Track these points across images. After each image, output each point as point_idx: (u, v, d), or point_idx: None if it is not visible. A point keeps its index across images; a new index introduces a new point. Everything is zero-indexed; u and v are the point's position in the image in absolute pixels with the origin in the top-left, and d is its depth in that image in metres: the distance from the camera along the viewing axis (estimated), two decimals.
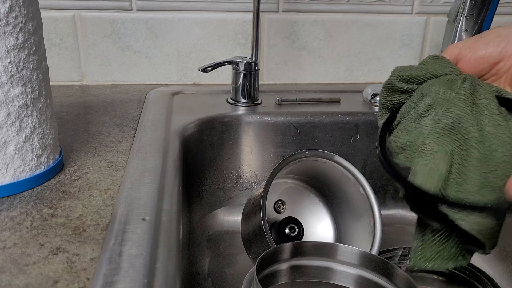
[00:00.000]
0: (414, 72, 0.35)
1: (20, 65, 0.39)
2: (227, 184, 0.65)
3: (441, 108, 0.33)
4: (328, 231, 0.58)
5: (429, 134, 0.32)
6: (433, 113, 0.33)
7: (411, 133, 0.34)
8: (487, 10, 0.62)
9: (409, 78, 0.36)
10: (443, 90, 0.34)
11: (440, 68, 0.35)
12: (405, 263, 0.58)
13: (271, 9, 0.75)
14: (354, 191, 0.53)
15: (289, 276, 0.41)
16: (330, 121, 0.64)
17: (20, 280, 0.30)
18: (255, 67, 0.65)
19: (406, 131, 0.34)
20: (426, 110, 0.34)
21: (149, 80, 0.77)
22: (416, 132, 0.33)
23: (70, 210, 0.38)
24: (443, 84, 0.34)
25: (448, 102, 0.33)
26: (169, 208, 0.39)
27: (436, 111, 0.33)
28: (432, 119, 0.33)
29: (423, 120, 0.33)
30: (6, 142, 0.39)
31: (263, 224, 0.46)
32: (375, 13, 0.78)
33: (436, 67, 0.36)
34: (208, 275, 0.56)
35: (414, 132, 0.33)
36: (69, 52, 0.74)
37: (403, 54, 0.80)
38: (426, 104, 0.34)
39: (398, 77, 0.36)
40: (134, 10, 0.73)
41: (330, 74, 0.81)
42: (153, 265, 0.31)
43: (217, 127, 0.63)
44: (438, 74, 0.35)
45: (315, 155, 0.52)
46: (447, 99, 0.33)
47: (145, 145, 0.51)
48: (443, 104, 0.33)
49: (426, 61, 0.37)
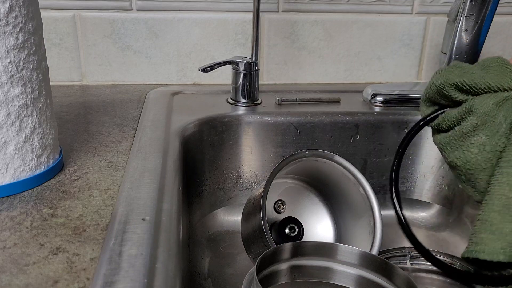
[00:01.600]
0: (473, 83, 0.31)
1: (20, 65, 0.39)
2: (227, 184, 0.65)
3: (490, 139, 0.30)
4: (328, 231, 0.58)
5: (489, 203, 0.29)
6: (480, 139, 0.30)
7: (456, 151, 0.31)
8: (487, 10, 0.62)
9: (465, 88, 0.32)
10: (494, 114, 0.30)
11: (504, 81, 0.31)
12: (405, 263, 0.58)
13: (271, 9, 0.75)
14: (354, 191, 0.53)
15: (289, 276, 0.41)
16: (330, 121, 0.64)
17: (20, 280, 0.30)
18: (255, 67, 0.65)
19: (451, 146, 0.32)
20: (472, 130, 0.31)
21: (149, 80, 0.77)
22: (462, 155, 0.31)
23: (70, 210, 0.38)
24: (497, 107, 0.30)
25: (498, 135, 0.30)
26: (169, 208, 0.39)
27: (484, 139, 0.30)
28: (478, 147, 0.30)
29: (468, 140, 0.31)
30: (6, 142, 0.39)
31: (263, 224, 0.46)
32: (375, 13, 0.78)
33: (499, 80, 0.31)
34: (208, 275, 0.56)
35: (459, 153, 0.31)
36: (69, 52, 0.74)
37: (403, 54, 0.80)
38: (473, 124, 0.31)
39: (453, 85, 0.32)
40: (134, 10, 0.73)
41: (330, 74, 0.81)
42: (153, 265, 0.31)
43: (217, 127, 0.63)
44: (497, 89, 0.31)
45: (315, 155, 0.52)
46: (496, 130, 0.30)
47: (145, 145, 0.51)
48: (493, 135, 0.30)
49: (490, 65, 0.32)
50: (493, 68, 0.32)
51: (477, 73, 0.32)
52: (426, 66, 0.82)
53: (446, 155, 0.32)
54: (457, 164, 0.31)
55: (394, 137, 0.66)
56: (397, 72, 0.82)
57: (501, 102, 0.30)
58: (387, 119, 0.65)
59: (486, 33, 0.64)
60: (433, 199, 0.69)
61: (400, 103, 0.68)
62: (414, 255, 0.58)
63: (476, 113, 0.31)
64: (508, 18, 0.81)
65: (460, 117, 0.32)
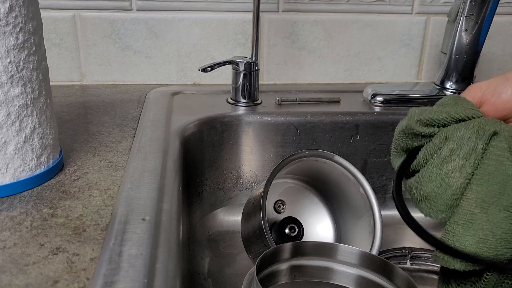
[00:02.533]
0: (434, 116, 0.33)
1: (20, 65, 0.39)
2: (227, 184, 0.65)
3: (468, 160, 0.31)
4: (328, 231, 0.58)
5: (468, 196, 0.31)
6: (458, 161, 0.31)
7: (435, 181, 0.32)
8: (487, 10, 0.62)
9: (429, 122, 0.33)
10: (468, 136, 0.32)
11: (462, 111, 0.33)
12: (405, 263, 0.58)
13: (271, 9, 0.75)
14: (354, 191, 0.53)
15: (289, 276, 0.41)
16: (330, 121, 0.64)
17: (20, 280, 0.30)
18: (255, 67, 0.65)
19: (428, 177, 0.32)
20: (449, 155, 0.32)
21: (149, 80, 0.77)
22: (442, 183, 0.32)
23: (70, 210, 0.38)
24: (470, 131, 0.32)
25: (475, 154, 0.31)
26: (169, 208, 0.39)
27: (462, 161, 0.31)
28: (459, 171, 0.31)
29: (447, 166, 0.32)
30: (6, 142, 0.39)
31: (263, 224, 0.46)
32: (375, 13, 0.78)
33: (457, 110, 0.33)
34: (208, 275, 0.56)
35: (438, 181, 0.32)
36: (69, 52, 0.74)
37: (403, 54, 0.80)
38: (450, 148, 0.32)
39: (418, 122, 0.34)
40: (134, 10, 0.73)
41: (330, 74, 0.81)
42: (153, 265, 0.31)
43: (217, 127, 0.63)
44: (460, 118, 0.33)
45: (315, 155, 0.52)
46: (473, 151, 0.31)
47: (145, 145, 0.51)
48: (469, 156, 0.31)
49: (445, 102, 0.34)
50: (446, 103, 0.34)
51: (435, 109, 0.34)
52: (426, 66, 0.82)
53: (422, 188, 0.33)
54: (437, 193, 0.32)
55: None
56: (397, 72, 0.82)
57: (471, 126, 0.32)
58: (387, 119, 0.65)
59: (486, 33, 0.64)
60: None
61: (400, 103, 0.68)
62: (414, 255, 0.58)
63: (452, 138, 0.32)
64: (508, 18, 0.81)
65: (437, 147, 0.33)
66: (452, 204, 0.32)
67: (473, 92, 0.34)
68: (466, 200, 0.31)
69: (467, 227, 0.31)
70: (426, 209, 0.33)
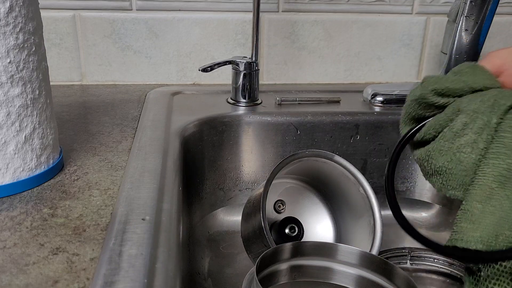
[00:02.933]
0: (451, 85, 0.32)
1: (20, 65, 0.39)
2: (227, 184, 0.65)
3: (480, 135, 0.30)
4: (328, 231, 0.58)
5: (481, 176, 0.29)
6: (471, 136, 0.30)
7: (446, 155, 0.31)
8: (487, 10, 0.62)
9: (445, 91, 0.32)
10: (482, 110, 0.30)
11: (480, 81, 0.32)
12: (405, 263, 0.58)
13: (271, 9, 0.75)
14: (354, 191, 0.53)
15: (289, 276, 0.41)
16: (330, 121, 0.64)
17: (20, 280, 0.30)
18: (255, 67, 0.65)
19: (439, 151, 0.31)
20: (462, 129, 0.30)
21: (149, 80, 0.77)
22: (454, 157, 0.30)
23: (70, 210, 0.38)
24: (485, 104, 0.30)
25: (488, 129, 0.30)
26: (169, 208, 0.39)
27: (475, 136, 0.30)
28: (471, 146, 0.30)
29: (459, 140, 0.30)
30: (6, 142, 0.39)
31: (263, 224, 0.46)
32: (375, 13, 0.78)
33: (476, 79, 0.32)
34: (208, 275, 0.56)
35: (449, 155, 0.30)
36: (69, 52, 0.74)
37: (403, 54, 0.80)
38: (462, 122, 0.30)
39: (433, 91, 0.32)
40: (134, 10, 0.73)
41: (330, 74, 0.81)
42: (153, 265, 0.31)
43: (217, 127, 0.63)
44: (478, 88, 0.31)
45: (315, 155, 0.52)
46: (486, 126, 0.30)
47: (145, 145, 0.51)
48: (482, 131, 0.30)
49: (462, 70, 0.33)
50: (464, 71, 0.32)
51: (451, 77, 0.32)
52: (426, 66, 0.82)
53: (433, 162, 0.31)
54: (448, 168, 0.31)
55: (394, 137, 0.66)
56: (397, 72, 0.82)
57: (487, 99, 0.30)
58: (387, 119, 0.65)
59: (486, 33, 0.64)
60: (433, 199, 0.69)
61: (400, 103, 0.67)
62: (414, 255, 0.58)
63: (465, 111, 0.30)
64: (508, 18, 0.81)
65: (448, 119, 0.31)
66: (464, 181, 0.30)
67: (492, 61, 0.33)
68: (483, 175, 0.29)
69: (485, 204, 0.29)
70: (438, 184, 0.31)
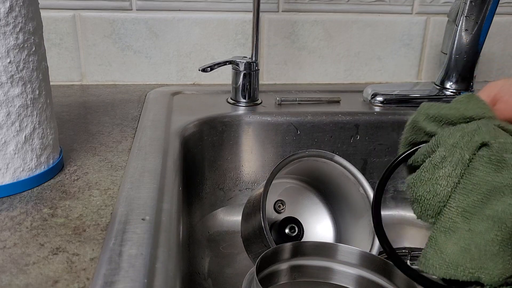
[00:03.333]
0: (443, 111, 0.32)
1: (20, 65, 0.39)
2: (227, 184, 0.65)
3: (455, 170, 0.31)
4: (328, 231, 0.58)
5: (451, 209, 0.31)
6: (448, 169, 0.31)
7: (426, 185, 0.32)
8: (487, 10, 0.62)
9: (437, 117, 0.33)
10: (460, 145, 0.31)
11: (472, 109, 0.32)
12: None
13: (271, 9, 0.75)
14: (354, 191, 0.53)
15: (289, 276, 0.41)
16: (330, 121, 0.64)
17: (20, 280, 0.30)
18: (255, 67, 0.65)
19: (420, 180, 0.32)
20: (440, 162, 0.31)
21: (149, 80, 0.77)
22: (432, 188, 0.31)
23: (70, 210, 0.38)
24: (463, 139, 0.31)
25: (462, 164, 0.31)
26: (169, 208, 0.39)
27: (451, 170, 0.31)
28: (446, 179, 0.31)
29: (437, 172, 0.31)
30: (6, 142, 0.39)
31: (263, 224, 0.46)
32: (375, 13, 0.78)
33: (468, 107, 0.32)
34: (208, 275, 0.56)
35: (428, 186, 0.32)
36: (69, 52, 0.74)
37: (403, 54, 0.80)
38: (441, 155, 0.31)
39: (424, 115, 0.33)
40: (134, 10, 0.73)
41: (330, 74, 0.81)
42: (153, 265, 0.31)
43: (217, 127, 0.63)
44: (469, 115, 0.32)
45: (315, 155, 0.52)
46: (461, 161, 0.31)
47: (145, 145, 0.51)
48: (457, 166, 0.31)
49: (458, 99, 0.33)
50: (459, 100, 0.33)
51: (446, 105, 0.33)
52: (426, 66, 0.82)
53: (415, 190, 0.32)
54: (426, 198, 0.32)
55: (394, 137, 0.66)
56: (397, 72, 0.82)
57: (466, 133, 0.31)
58: (387, 119, 0.65)
59: (486, 33, 0.64)
60: None
61: (400, 103, 0.68)
62: (414, 255, 0.58)
63: (444, 144, 0.31)
64: (508, 18, 0.81)
65: (430, 150, 0.32)
66: (439, 211, 0.32)
67: (488, 90, 0.33)
68: (448, 208, 0.31)
69: (449, 235, 0.31)
70: (418, 212, 0.32)
